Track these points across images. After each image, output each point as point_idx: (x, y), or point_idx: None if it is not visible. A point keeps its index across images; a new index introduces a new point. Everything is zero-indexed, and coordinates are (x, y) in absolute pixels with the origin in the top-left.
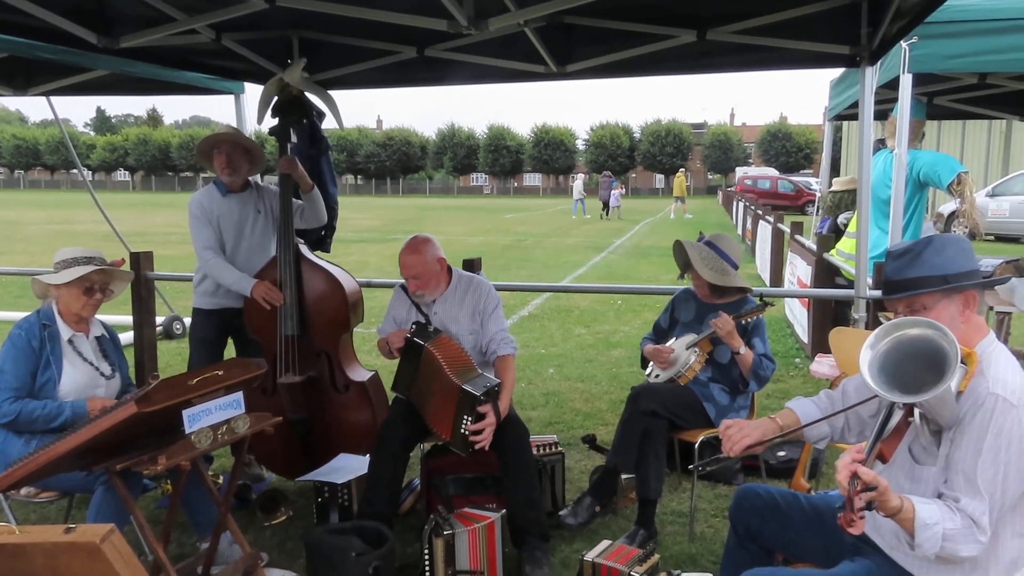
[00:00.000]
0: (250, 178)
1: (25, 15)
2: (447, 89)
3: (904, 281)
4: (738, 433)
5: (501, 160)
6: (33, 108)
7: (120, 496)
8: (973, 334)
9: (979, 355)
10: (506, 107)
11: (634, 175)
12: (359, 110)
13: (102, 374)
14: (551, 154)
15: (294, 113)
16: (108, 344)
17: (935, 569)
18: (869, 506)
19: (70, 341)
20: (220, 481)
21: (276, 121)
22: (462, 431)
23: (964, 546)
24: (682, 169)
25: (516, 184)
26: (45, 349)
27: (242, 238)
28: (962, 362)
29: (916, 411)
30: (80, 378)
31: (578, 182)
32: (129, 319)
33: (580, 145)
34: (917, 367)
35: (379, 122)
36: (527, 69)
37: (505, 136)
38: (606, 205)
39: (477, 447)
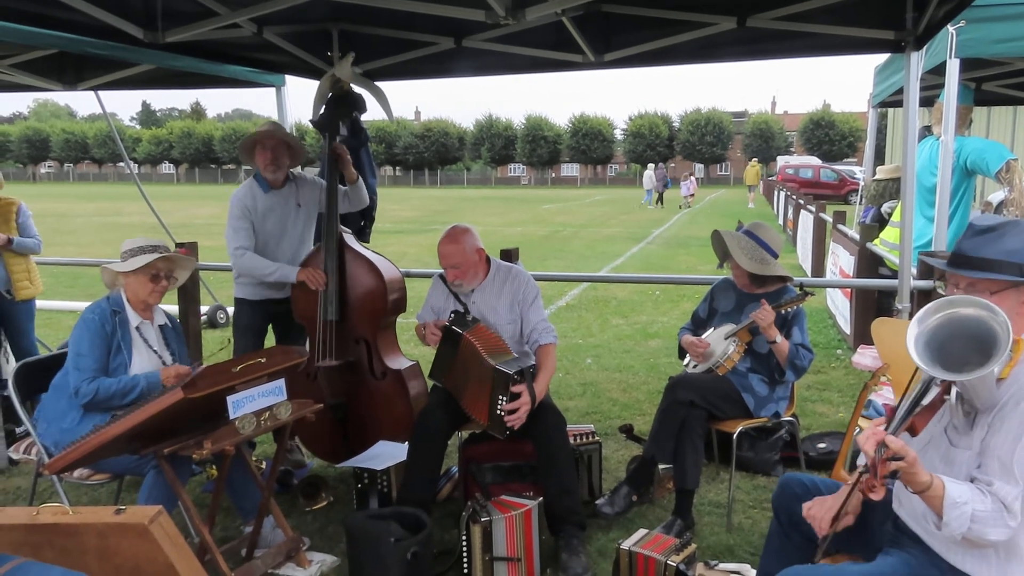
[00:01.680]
0: (290, 171)
1: (75, 12)
2: (485, 80)
3: (979, 259)
4: (820, 509)
5: (539, 151)
6: (82, 103)
7: (168, 479)
8: (1021, 323)
9: None
10: (544, 97)
11: (673, 164)
12: (397, 101)
13: (164, 363)
14: (589, 144)
15: (345, 107)
16: (170, 333)
17: (972, 558)
18: (894, 475)
19: (138, 328)
20: (263, 466)
21: (322, 113)
22: (498, 412)
23: (993, 529)
24: (755, 159)
25: (554, 175)
26: (116, 335)
27: (285, 234)
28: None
29: (953, 389)
30: (147, 365)
31: (649, 172)
32: (174, 308)
33: (618, 135)
34: (964, 346)
35: (417, 113)
36: (565, 59)
37: (543, 126)
38: (660, 195)
39: (508, 423)
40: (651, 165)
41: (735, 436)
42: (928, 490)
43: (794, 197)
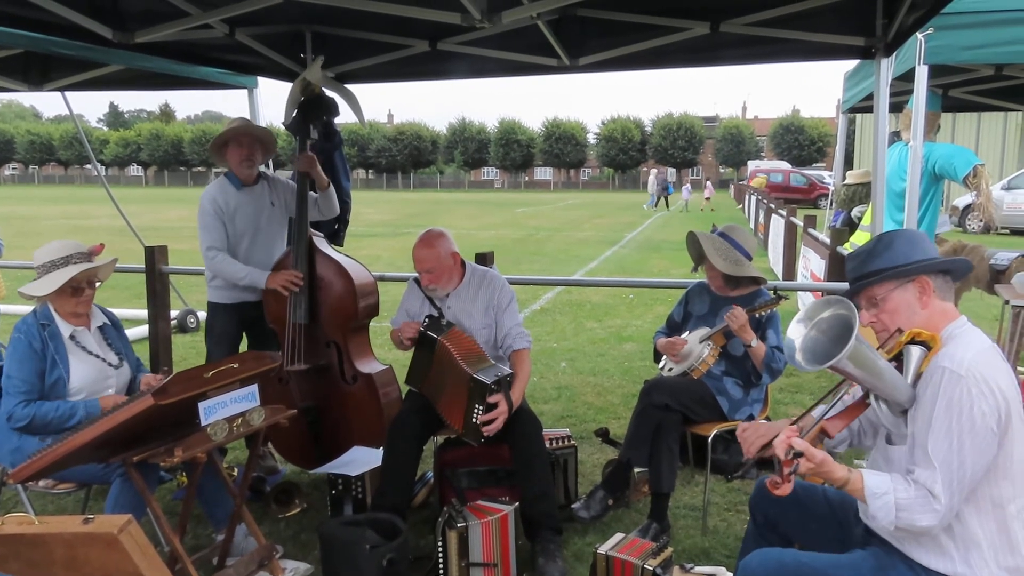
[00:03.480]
0: (261, 170)
1: (41, 10)
2: (458, 83)
3: (858, 278)
4: (753, 434)
5: (512, 154)
6: (47, 104)
7: (137, 488)
8: (938, 319)
9: (943, 338)
10: (517, 101)
11: (645, 169)
12: (370, 104)
13: (109, 364)
14: (562, 148)
15: (317, 111)
16: (111, 332)
17: (935, 554)
18: (795, 470)
19: (72, 337)
20: (235, 473)
21: (295, 116)
22: (474, 420)
23: (920, 515)
24: (757, 165)
25: (527, 178)
26: (48, 348)
27: (259, 231)
28: (926, 345)
29: (871, 394)
30: (89, 372)
31: (651, 177)
32: (144, 313)
33: (591, 139)
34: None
35: (390, 116)
36: (539, 62)
37: (516, 130)
38: (662, 199)
39: (485, 431)
40: (653, 171)
41: (710, 439)
42: (848, 484)
43: (765, 201)
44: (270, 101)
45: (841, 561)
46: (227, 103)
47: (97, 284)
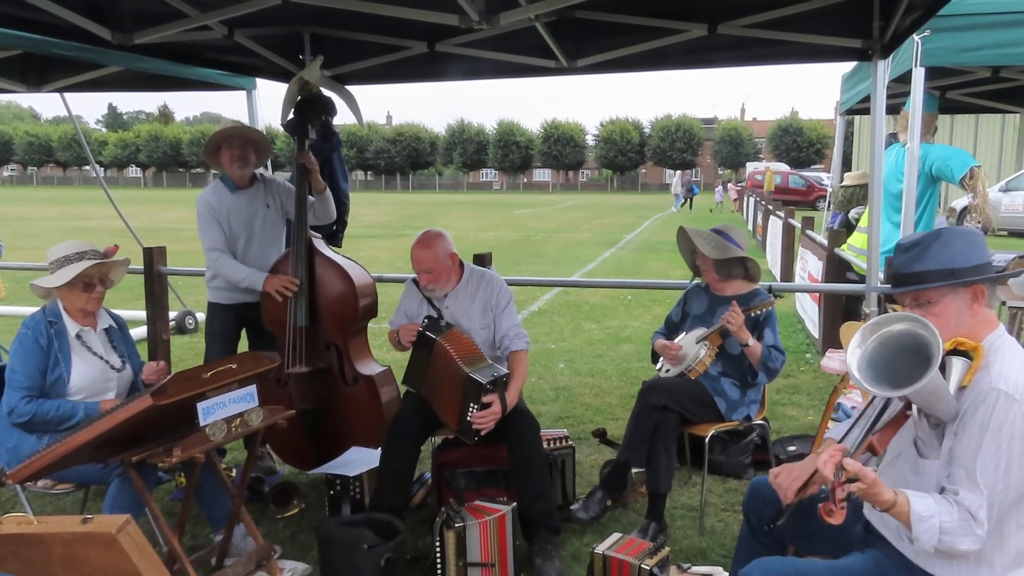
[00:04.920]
0: (257, 172)
1: (40, 12)
2: (457, 84)
3: (911, 275)
4: (787, 479)
5: (511, 156)
6: (46, 105)
7: (135, 488)
8: (981, 328)
9: (986, 349)
10: (515, 102)
11: (644, 171)
12: (369, 106)
13: (112, 367)
14: (561, 149)
15: (314, 111)
16: (116, 335)
17: (942, 562)
18: (848, 497)
19: (78, 336)
20: (233, 474)
21: (292, 117)
22: (468, 419)
23: (962, 539)
24: (767, 165)
25: (526, 180)
26: (53, 346)
27: (253, 234)
28: (968, 356)
29: (914, 406)
30: (91, 371)
31: (676, 179)
32: (142, 314)
33: (590, 140)
34: (909, 362)
35: (389, 118)
36: (538, 64)
37: (515, 131)
38: (687, 200)
39: (475, 427)
40: (678, 172)
41: (707, 440)
42: (894, 507)
43: (763, 203)
44: (269, 102)
45: (840, 568)
46: (226, 104)
47: (110, 283)
